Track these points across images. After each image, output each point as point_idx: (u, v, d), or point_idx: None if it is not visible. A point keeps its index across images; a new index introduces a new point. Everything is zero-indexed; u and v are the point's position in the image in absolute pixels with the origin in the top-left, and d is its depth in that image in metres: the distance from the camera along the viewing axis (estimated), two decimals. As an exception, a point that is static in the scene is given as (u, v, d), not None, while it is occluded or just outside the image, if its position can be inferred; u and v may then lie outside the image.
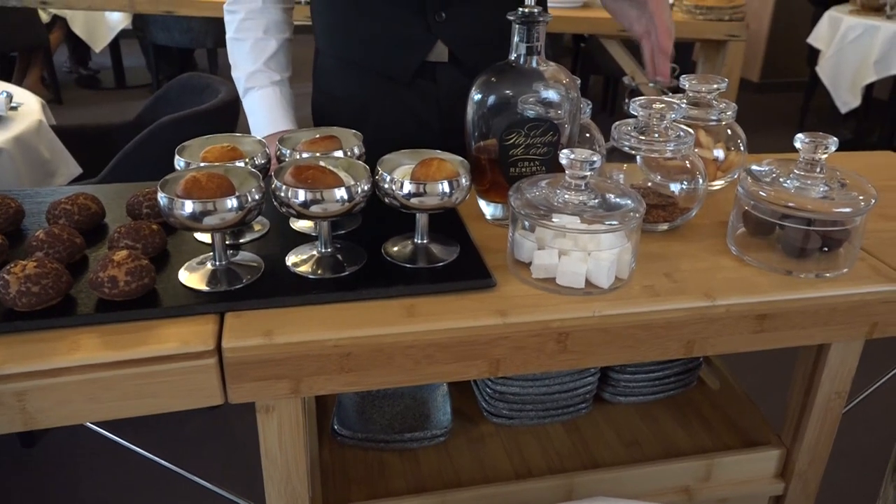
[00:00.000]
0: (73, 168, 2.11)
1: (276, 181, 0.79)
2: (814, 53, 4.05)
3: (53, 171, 2.08)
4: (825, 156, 0.86)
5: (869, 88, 3.90)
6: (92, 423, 0.81)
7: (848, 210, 0.84)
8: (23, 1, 3.18)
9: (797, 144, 0.87)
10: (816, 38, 3.92)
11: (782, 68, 5.48)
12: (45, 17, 4.60)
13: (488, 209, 0.98)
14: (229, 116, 2.09)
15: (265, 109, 1.19)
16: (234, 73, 1.20)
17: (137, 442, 0.92)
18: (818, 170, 0.87)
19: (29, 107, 2.09)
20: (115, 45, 5.00)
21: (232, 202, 0.76)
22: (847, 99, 3.72)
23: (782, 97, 5.32)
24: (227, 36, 1.19)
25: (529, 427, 1.11)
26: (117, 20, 4.72)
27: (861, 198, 0.86)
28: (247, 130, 1.14)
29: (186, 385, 0.72)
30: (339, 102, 1.23)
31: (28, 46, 4.56)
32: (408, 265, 0.84)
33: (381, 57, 1.17)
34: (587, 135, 1.06)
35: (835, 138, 0.86)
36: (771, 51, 5.48)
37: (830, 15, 3.83)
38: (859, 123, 4.47)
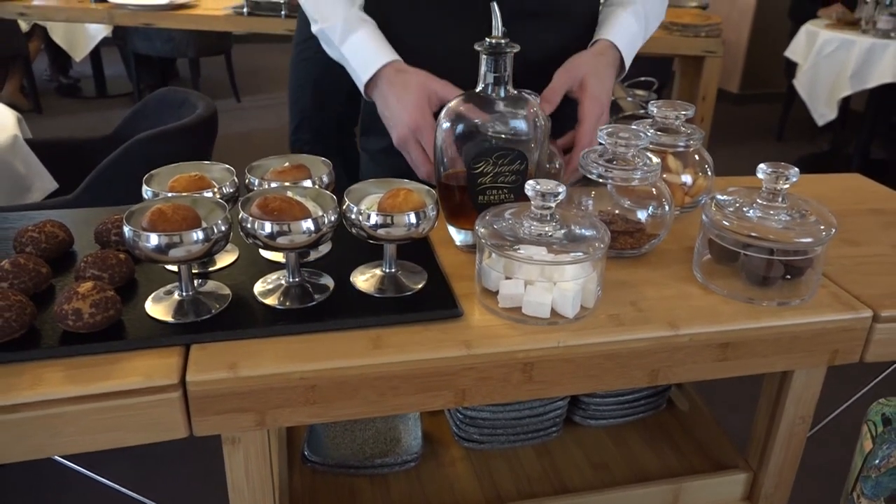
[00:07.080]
0: (48, 183, 2.10)
1: (242, 213, 0.79)
2: (791, 66, 4.09)
3: (29, 185, 2.06)
4: (787, 186, 0.88)
5: (846, 100, 3.95)
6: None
7: (808, 240, 0.86)
8: (1, 13, 3.16)
9: (759, 175, 0.88)
10: (794, 51, 3.96)
11: (761, 80, 5.55)
12: (24, 25, 4.57)
13: (458, 236, 0.98)
14: (206, 133, 2.08)
15: (373, 43, 1.11)
16: (319, 27, 1.13)
17: (109, 461, 0.90)
18: (780, 199, 0.88)
19: (3, 121, 2.08)
20: (95, 54, 4.97)
21: (198, 234, 0.76)
22: (824, 111, 3.76)
23: (762, 108, 5.38)
24: None
25: (500, 451, 1.11)
26: (98, 29, 4.69)
27: (822, 227, 0.87)
28: (222, 151, 1.09)
29: (150, 419, 0.72)
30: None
31: (7, 56, 4.52)
32: (375, 294, 0.85)
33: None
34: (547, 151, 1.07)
35: (796, 169, 0.88)
36: (750, 62, 5.54)
37: (807, 29, 3.87)
38: (836, 135, 4.53)
